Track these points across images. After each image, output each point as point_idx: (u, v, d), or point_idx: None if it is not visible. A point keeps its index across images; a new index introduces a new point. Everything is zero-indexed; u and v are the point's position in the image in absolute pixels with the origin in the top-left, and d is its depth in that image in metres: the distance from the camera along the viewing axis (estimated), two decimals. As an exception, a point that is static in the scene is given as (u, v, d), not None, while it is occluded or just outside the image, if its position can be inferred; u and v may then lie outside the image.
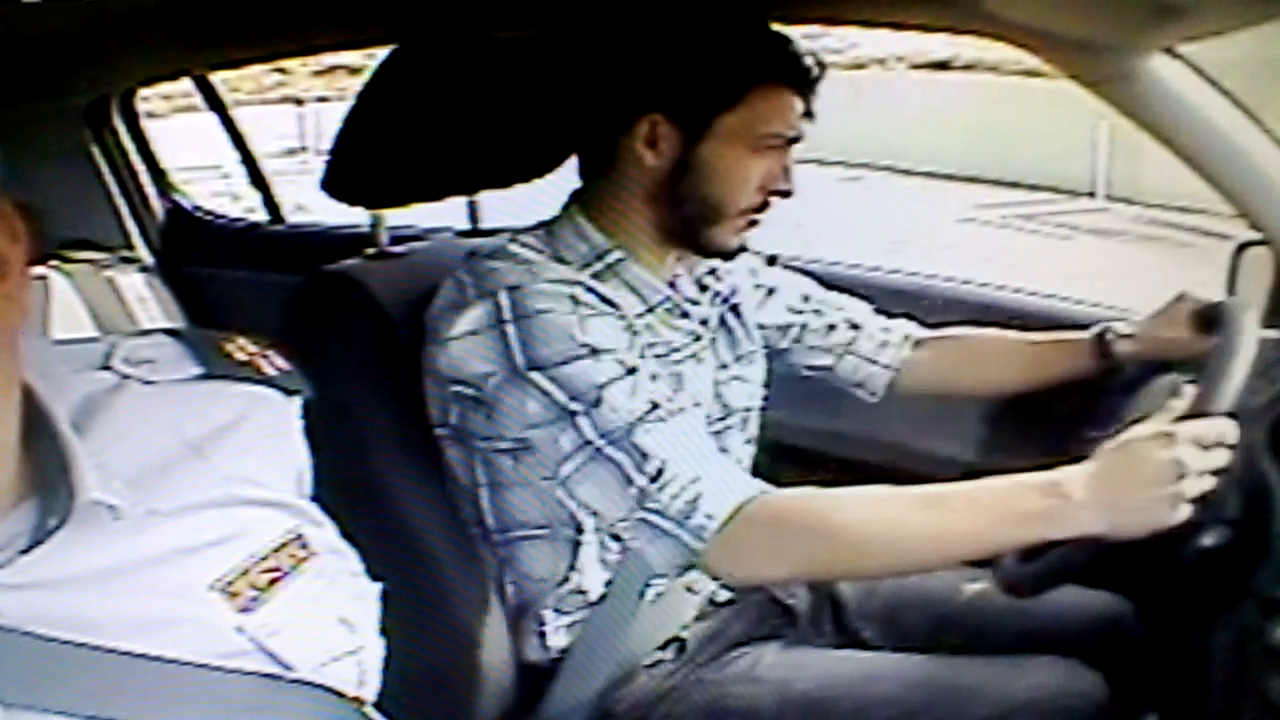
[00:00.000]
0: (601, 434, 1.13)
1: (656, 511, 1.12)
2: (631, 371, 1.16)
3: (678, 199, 1.28)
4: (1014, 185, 10.16)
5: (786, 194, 1.30)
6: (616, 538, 1.23)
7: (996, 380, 1.58)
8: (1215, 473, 1.04)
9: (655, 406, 1.15)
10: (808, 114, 1.30)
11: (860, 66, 11.55)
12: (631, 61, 1.27)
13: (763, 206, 1.31)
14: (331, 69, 10.57)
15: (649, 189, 1.29)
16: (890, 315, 1.58)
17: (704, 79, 1.24)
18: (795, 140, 1.29)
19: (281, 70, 12.67)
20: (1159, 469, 1.03)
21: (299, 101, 12.83)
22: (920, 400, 1.61)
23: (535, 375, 1.16)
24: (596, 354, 1.16)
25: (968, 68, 10.95)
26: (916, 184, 10.76)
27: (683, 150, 1.26)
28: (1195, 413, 1.07)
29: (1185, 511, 1.03)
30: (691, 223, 1.30)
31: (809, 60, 1.27)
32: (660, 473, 1.12)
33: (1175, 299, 1.40)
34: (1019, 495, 1.07)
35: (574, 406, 1.14)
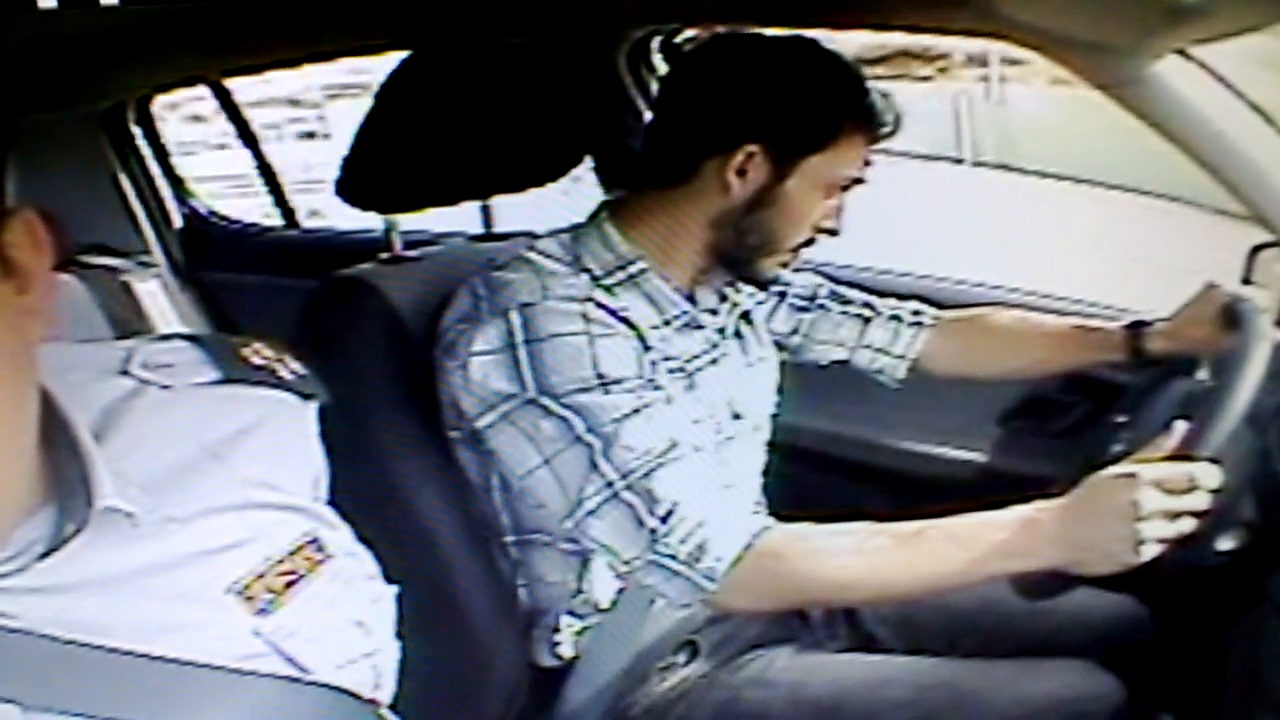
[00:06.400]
0: (621, 475, 1.15)
1: (668, 555, 1.14)
2: (647, 405, 1.17)
3: (743, 229, 1.29)
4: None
5: (834, 233, 1.33)
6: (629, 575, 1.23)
7: (1018, 363, 1.56)
8: (1198, 514, 1.04)
9: (673, 445, 1.16)
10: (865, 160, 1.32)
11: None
12: (744, 91, 1.26)
13: (810, 243, 1.33)
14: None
15: (718, 214, 1.29)
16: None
17: (806, 119, 1.26)
18: (859, 182, 1.32)
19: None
20: (1119, 511, 1.04)
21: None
22: (936, 396, 1.60)
23: (548, 401, 1.17)
24: (609, 386, 1.17)
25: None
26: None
27: (767, 184, 1.27)
28: (1179, 454, 1.07)
29: (1151, 552, 1.04)
30: (748, 252, 1.31)
31: (889, 112, 1.29)
32: (670, 514, 1.13)
33: (1205, 288, 1.38)
34: (993, 531, 1.10)
35: (590, 439, 1.15)
